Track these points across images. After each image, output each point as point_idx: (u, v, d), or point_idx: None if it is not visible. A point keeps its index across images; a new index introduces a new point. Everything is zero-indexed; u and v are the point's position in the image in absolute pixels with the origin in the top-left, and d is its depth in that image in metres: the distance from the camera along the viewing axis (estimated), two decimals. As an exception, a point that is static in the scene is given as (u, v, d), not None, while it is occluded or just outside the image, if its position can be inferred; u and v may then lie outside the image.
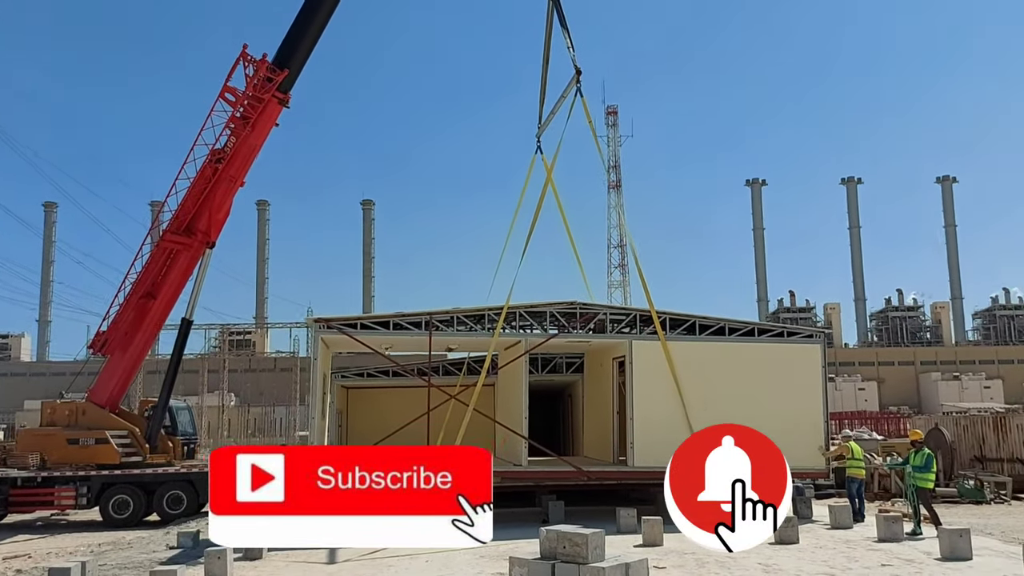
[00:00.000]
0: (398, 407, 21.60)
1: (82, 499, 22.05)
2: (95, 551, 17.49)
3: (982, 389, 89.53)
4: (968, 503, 21.51)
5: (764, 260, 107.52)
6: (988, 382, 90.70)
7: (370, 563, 13.35)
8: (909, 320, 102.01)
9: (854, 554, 12.87)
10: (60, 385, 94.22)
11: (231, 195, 23.44)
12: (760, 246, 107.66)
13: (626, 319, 18.92)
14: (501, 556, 13.62)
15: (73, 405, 24.02)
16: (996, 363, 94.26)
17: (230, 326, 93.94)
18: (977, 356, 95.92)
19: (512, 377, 19.24)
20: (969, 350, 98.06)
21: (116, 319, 23.46)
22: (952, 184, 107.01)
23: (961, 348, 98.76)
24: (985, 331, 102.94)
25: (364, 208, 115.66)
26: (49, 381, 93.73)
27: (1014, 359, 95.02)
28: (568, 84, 19.13)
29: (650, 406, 17.94)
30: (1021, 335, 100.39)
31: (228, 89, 22.32)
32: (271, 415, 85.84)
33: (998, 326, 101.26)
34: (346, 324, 18.08)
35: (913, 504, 15.61)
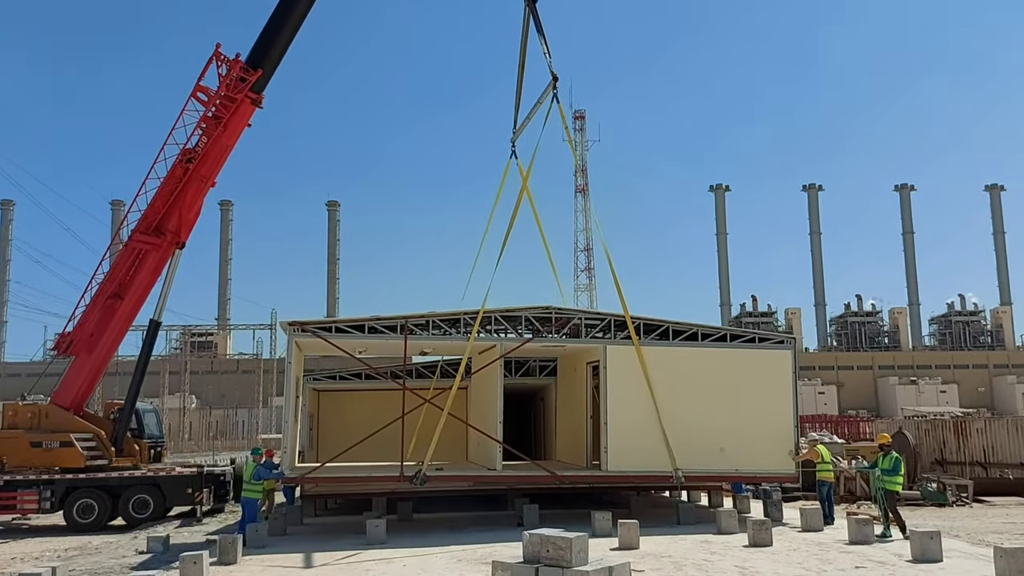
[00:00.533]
0: (370, 410, 21.49)
1: (45, 503, 21.62)
2: (62, 556, 17.19)
3: (938, 393, 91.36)
4: (931, 505, 21.93)
5: (727, 265, 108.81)
6: (944, 386, 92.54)
7: (346, 567, 13.28)
8: (868, 325, 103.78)
9: (827, 556, 13.08)
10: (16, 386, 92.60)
11: (202, 195, 23.17)
12: (723, 251, 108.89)
13: (600, 324, 19.02)
14: (479, 560, 13.64)
15: (36, 407, 23.52)
16: (952, 368, 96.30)
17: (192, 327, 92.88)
18: (933, 361, 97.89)
19: (487, 381, 19.24)
20: (926, 355, 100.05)
21: (82, 320, 23.05)
22: (910, 192, 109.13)
23: (918, 353, 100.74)
24: (941, 336, 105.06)
25: (329, 209, 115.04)
26: (5, 383, 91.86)
27: (969, 364, 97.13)
28: (544, 90, 19.22)
29: (624, 410, 18.05)
30: (976, 340, 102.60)
31: (200, 88, 22.06)
32: (234, 418, 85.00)
33: (954, 331, 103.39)
34: (321, 327, 17.98)
35: (881, 507, 15.88)
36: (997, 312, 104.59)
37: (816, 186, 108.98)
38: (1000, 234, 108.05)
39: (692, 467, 17.90)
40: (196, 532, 19.89)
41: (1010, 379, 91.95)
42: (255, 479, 17.18)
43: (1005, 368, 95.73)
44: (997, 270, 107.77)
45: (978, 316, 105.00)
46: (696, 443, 17.86)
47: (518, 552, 14.11)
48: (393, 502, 19.64)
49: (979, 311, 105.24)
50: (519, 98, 20.43)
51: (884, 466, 16.08)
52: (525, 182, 18.99)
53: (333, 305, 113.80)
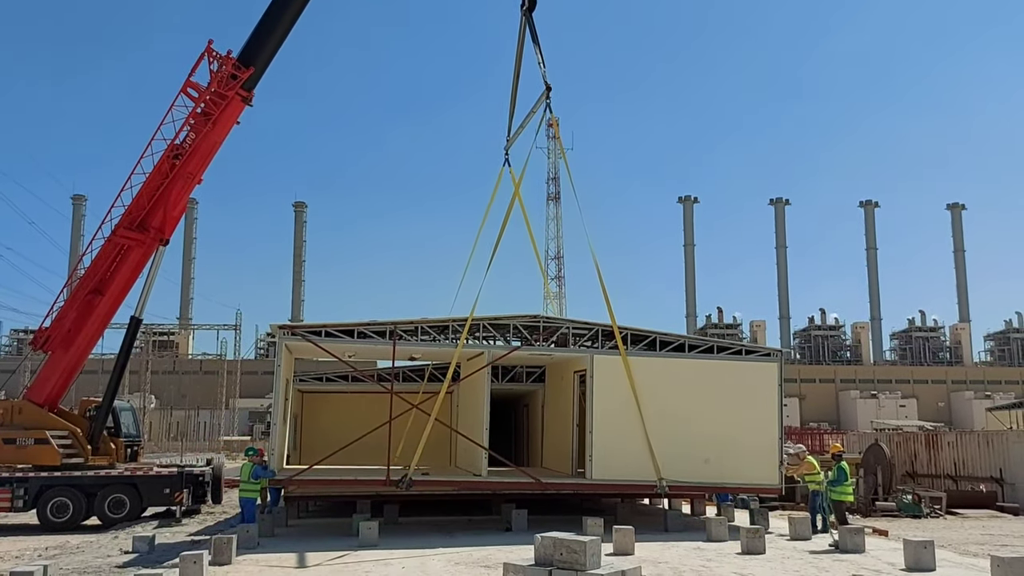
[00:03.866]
0: (355, 413, 21.41)
1: (18, 501, 21.18)
2: (43, 555, 16.87)
3: (898, 407, 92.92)
4: (906, 517, 22.30)
5: (694, 276, 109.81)
6: (903, 401, 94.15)
7: (344, 568, 13.21)
8: (830, 339, 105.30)
9: (822, 564, 13.29)
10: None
11: (188, 192, 22.98)
12: (690, 262, 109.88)
13: (588, 333, 19.13)
14: (476, 563, 13.66)
15: (8, 403, 23.11)
16: (911, 382, 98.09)
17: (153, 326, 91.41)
18: (894, 375, 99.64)
19: (474, 387, 19.27)
20: (886, 369, 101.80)
21: (60, 315, 22.66)
22: (875, 209, 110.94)
23: (879, 367, 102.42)
24: (902, 351, 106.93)
25: (296, 210, 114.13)
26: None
27: (928, 379, 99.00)
28: (538, 99, 19.36)
29: (609, 420, 18.16)
30: (935, 356, 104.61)
31: (191, 84, 21.85)
32: (195, 419, 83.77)
33: (914, 347, 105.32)
34: (310, 331, 17.89)
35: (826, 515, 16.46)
36: (956, 329, 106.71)
37: (783, 200, 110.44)
38: (960, 252, 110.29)
39: (677, 477, 18.03)
40: (178, 532, 19.63)
41: (967, 395, 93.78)
42: (254, 478, 17.03)
43: (963, 384, 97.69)
44: (957, 287, 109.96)
45: (938, 332, 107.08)
46: (681, 453, 18.00)
47: (513, 555, 14.19)
48: (378, 505, 19.54)
49: (939, 327, 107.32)
50: (513, 107, 20.55)
51: (830, 477, 16.56)
52: (517, 190, 19.10)
53: (298, 307, 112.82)
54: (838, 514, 15.89)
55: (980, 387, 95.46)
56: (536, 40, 19.20)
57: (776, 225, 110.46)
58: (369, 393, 21.59)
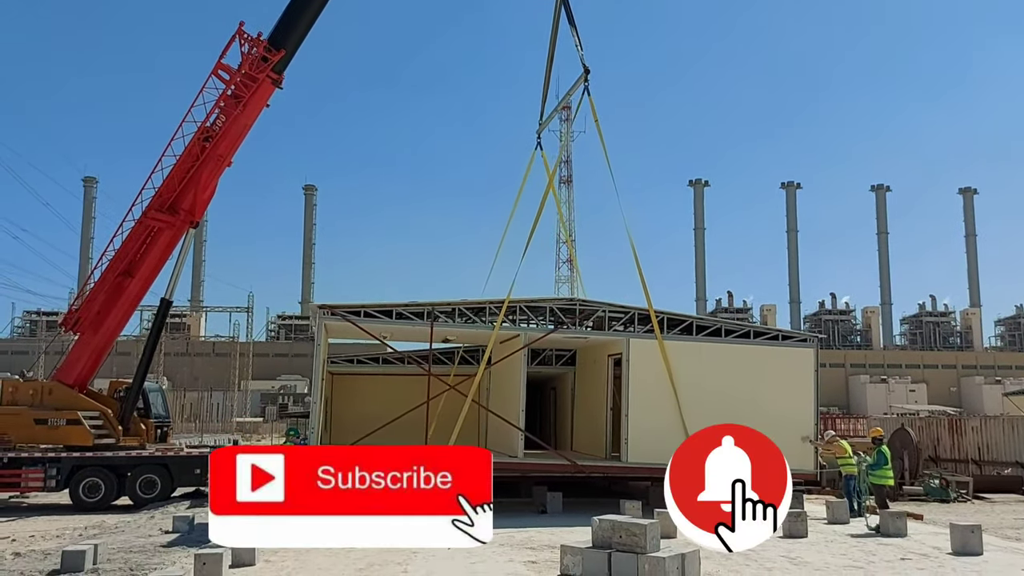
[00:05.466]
0: (387, 395, 21.52)
1: (51, 481, 21.37)
2: (82, 534, 17.03)
3: (907, 392, 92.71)
4: (934, 502, 22.34)
5: (704, 260, 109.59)
6: (913, 386, 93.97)
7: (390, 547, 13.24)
8: (841, 324, 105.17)
9: (867, 547, 13.33)
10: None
11: (218, 175, 23.00)
12: (700, 246, 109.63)
13: (624, 317, 19.16)
14: (521, 544, 13.75)
15: (38, 384, 23.28)
16: (921, 367, 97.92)
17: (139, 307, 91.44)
18: (904, 360, 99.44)
19: (508, 370, 19.34)
20: (896, 354, 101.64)
21: (90, 297, 22.83)
22: (886, 192, 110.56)
23: (889, 352, 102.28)
24: (912, 336, 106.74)
25: (306, 193, 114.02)
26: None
27: (938, 364, 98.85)
28: (575, 83, 19.32)
29: (645, 404, 18.23)
30: (945, 341, 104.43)
31: (222, 67, 21.88)
32: (208, 400, 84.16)
33: (924, 332, 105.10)
34: (350, 311, 17.97)
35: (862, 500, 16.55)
36: (967, 314, 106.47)
37: (795, 184, 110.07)
38: (972, 237, 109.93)
39: (712, 461, 18.04)
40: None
41: (978, 380, 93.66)
42: (292, 460, 17.10)
43: (973, 369, 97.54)
44: (968, 272, 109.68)
45: (948, 317, 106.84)
46: None
47: (555, 537, 14.34)
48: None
49: (949, 312, 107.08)
50: (546, 90, 20.57)
51: (869, 460, 16.59)
52: (551, 175, 19.11)
53: (308, 290, 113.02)
54: (879, 498, 15.95)
55: (991, 372, 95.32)
56: (572, 22, 19.14)
57: (787, 209, 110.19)
58: (401, 375, 21.70)
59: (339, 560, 12.37)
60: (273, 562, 12.30)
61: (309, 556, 12.72)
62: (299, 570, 11.59)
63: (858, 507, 17.22)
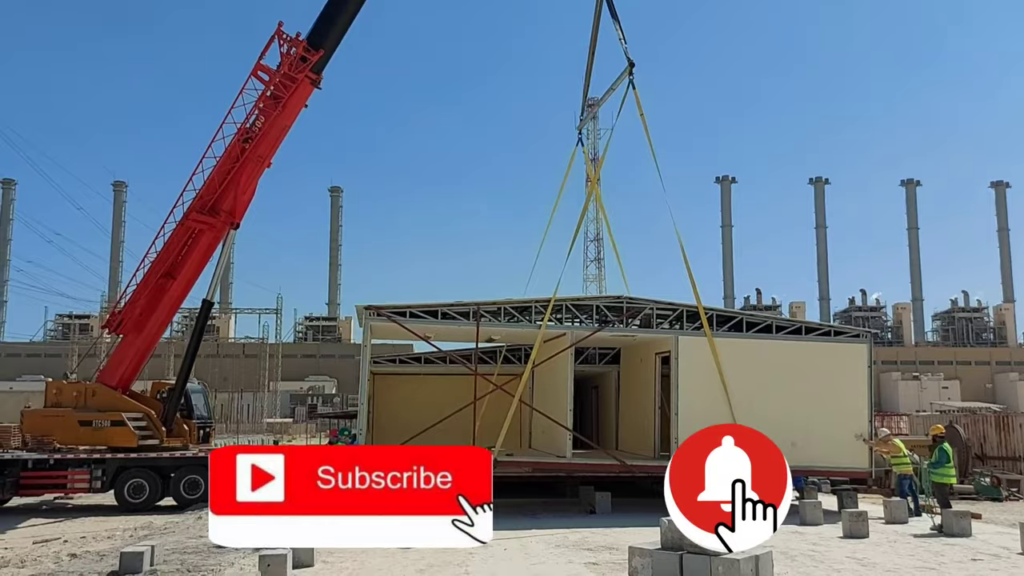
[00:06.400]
0: (428, 395, 21.42)
1: (96, 482, 21.44)
2: (133, 535, 17.06)
3: (940, 389, 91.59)
4: (986, 500, 21.95)
5: (731, 257, 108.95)
6: (946, 382, 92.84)
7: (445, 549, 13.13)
8: (872, 320, 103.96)
9: (933, 548, 13.03)
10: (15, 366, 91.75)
11: (257, 176, 23.02)
12: (728, 243, 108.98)
13: (672, 314, 18.92)
14: (574, 546, 13.57)
15: (82, 386, 23.37)
16: (954, 364, 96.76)
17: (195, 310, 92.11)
18: (936, 357, 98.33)
19: (554, 369, 19.16)
20: (929, 351, 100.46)
21: (132, 299, 22.92)
22: (916, 187, 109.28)
23: (921, 348, 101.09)
24: (944, 332, 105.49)
25: (332, 195, 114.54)
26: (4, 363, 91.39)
27: (971, 360, 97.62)
28: (619, 76, 19.10)
29: (695, 402, 17.97)
30: (978, 337, 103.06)
31: (261, 67, 21.88)
32: (239, 401, 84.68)
33: (956, 328, 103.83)
34: (396, 312, 17.88)
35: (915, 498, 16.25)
36: (1000, 309, 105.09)
37: (823, 179, 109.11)
38: (1004, 231, 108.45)
39: (764, 459, 17.74)
40: (258, 514, 19.71)
41: (1012, 376, 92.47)
42: (343, 461, 17.04)
43: (1007, 365, 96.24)
44: (1001, 267, 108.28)
45: (981, 313, 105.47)
46: (768, 435, 17.68)
47: (610, 538, 14.19)
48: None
49: (982, 308, 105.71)
50: (587, 85, 20.35)
51: (931, 459, 16.24)
52: (597, 172, 18.91)
53: (335, 291, 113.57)
54: (940, 497, 15.64)
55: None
56: (615, 15, 18.93)
57: (816, 205, 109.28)
58: (442, 375, 21.59)
59: (396, 561, 12.26)
60: (331, 563, 12.21)
61: (366, 557, 12.63)
62: (359, 572, 11.47)
63: (915, 506, 16.89)
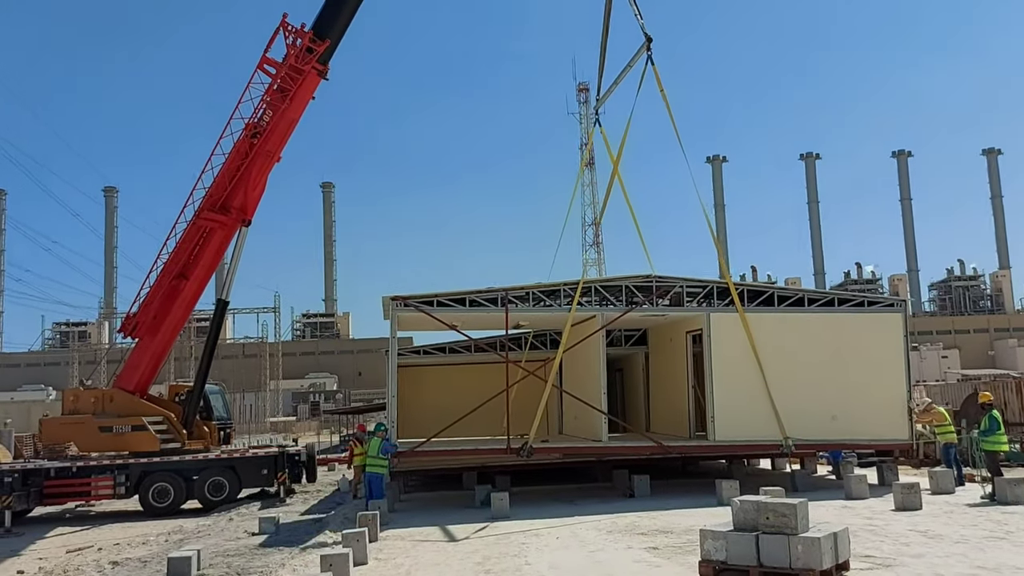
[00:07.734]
0: (455, 384, 21.14)
1: (120, 488, 21.18)
2: (168, 540, 16.79)
3: (940, 359, 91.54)
4: (1017, 466, 21.80)
5: (725, 237, 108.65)
6: (945, 352, 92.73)
7: (496, 541, 12.91)
8: (868, 293, 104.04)
9: (993, 517, 12.84)
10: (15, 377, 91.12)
11: (267, 171, 22.64)
12: (720, 223, 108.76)
13: (701, 292, 18.67)
14: (625, 530, 13.34)
15: (99, 392, 23.05)
16: (952, 333, 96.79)
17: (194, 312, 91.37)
18: (934, 327, 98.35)
19: (584, 353, 18.89)
20: (927, 320, 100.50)
21: (146, 301, 22.55)
22: (907, 158, 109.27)
23: (919, 319, 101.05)
24: (941, 302, 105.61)
25: (324, 191, 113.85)
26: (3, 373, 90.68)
27: (970, 328, 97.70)
28: (636, 53, 18.78)
29: (729, 379, 17.77)
30: (976, 305, 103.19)
31: (267, 60, 21.48)
32: (241, 401, 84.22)
33: (953, 297, 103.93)
34: (423, 302, 17.58)
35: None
36: (996, 276, 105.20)
37: (814, 155, 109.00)
38: (998, 198, 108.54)
39: (802, 435, 17.58)
40: (288, 512, 19.47)
41: (1011, 342, 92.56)
42: (383, 454, 16.82)
43: (1006, 332, 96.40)
44: (996, 234, 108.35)
45: (978, 281, 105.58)
46: (805, 410, 17.55)
47: (659, 522, 13.97)
48: (483, 476, 19.29)
49: (978, 276, 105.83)
50: (602, 64, 20.01)
51: (982, 426, 16.04)
52: (619, 156, 18.56)
53: (330, 287, 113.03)
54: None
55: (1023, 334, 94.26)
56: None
57: (807, 180, 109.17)
58: (469, 364, 21.30)
59: (450, 556, 12.01)
60: (384, 560, 11.95)
61: (417, 552, 12.40)
62: (416, 568, 11.21)
63: (958, 476, 16.73)
